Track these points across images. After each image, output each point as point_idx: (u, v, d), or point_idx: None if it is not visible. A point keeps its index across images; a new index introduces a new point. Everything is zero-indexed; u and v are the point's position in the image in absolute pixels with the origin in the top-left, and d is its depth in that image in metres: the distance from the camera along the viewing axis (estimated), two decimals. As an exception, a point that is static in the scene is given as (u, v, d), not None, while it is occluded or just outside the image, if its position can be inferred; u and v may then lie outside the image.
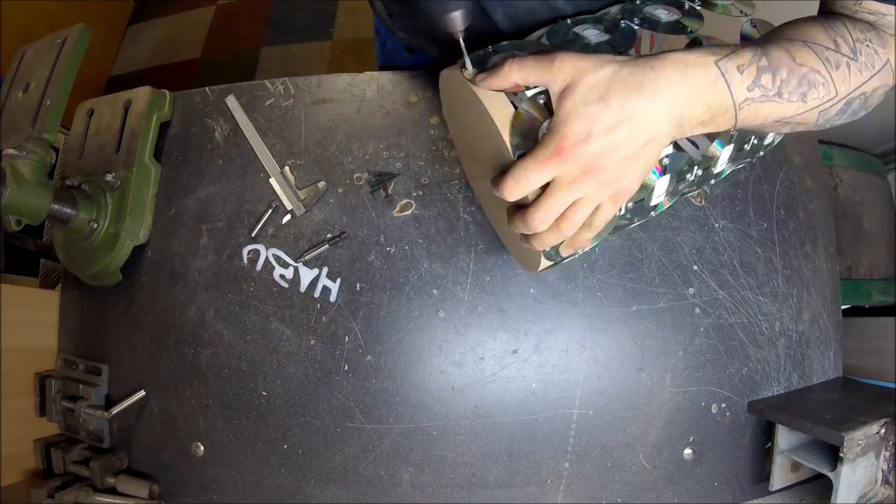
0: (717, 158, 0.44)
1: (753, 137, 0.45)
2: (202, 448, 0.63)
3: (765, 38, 0.40)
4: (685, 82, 0.35)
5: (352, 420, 0.60)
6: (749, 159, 0.49)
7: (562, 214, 0.37)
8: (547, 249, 0.42)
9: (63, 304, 0.70)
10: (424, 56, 0.68)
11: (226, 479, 0.62)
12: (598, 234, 0.44)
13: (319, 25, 2.07)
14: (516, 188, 0.36)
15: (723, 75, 0.35)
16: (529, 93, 0.38)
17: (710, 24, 0.43)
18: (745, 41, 0.39)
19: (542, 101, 0.38)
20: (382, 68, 0.79)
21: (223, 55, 2.13)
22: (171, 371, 0.64)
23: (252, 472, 0.62)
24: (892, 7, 0.39)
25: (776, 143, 0.48)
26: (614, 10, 0.45)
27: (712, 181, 0.47)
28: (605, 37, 0.42)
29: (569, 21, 0.44)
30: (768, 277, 0.64)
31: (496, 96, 0.38)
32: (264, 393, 0.62)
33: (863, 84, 0.39)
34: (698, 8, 0.44)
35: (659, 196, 0.44)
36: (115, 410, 0.62)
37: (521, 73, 0.37)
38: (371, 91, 0.66)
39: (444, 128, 0.64)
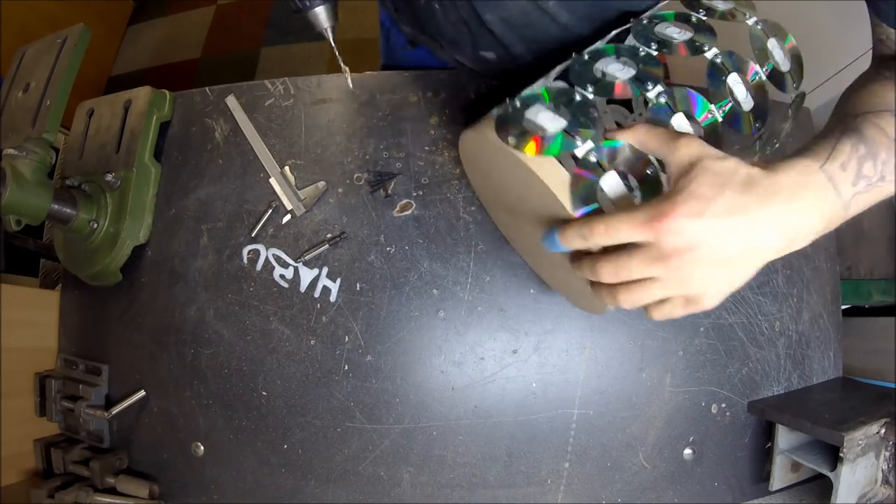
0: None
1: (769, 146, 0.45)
2: (202, 448, 0.63)
3: (847, 113, 0.39)
4: (795, 190, 0.33)
5: (352, 420, 0.60)
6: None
7: (627, 283, 0.35)
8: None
9: (63, 304, 0.70)
10: (426, 50, 0.68)
11: (226, 479, 0.62)
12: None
13: (319, 25, 2.06)
14: (604, 233, 0.34)
15: (830, 180, 0.34)
16: (580, 151, 0.37)
17: (720, 33, 0.43)
18: (834, 125, 0.38)
19: (594, 159, 0.38)
20: (385, 63, 0.80)
21: (223, 55, 2.12)
22: (171, 371, 0.64)
23: (252, 472, 0.62)
24: None
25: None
26: (628, 40, 0.45)
27: None
28: (631, 72, 0.41)
29: (586, 56, 0.43)
30: (768, 277, 0.64)
31: (543, 160, 0.38)
32: (264, 393, 0.62)
33: None
34: (705, 19, 0.43)
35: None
36: (115, 410, 0.62)
37: (648, 137, 0.36)
38: (371, 91, 0.66)
39: (444, 128, 0.64)
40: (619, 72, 0.41)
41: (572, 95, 0.40)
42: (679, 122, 0.39)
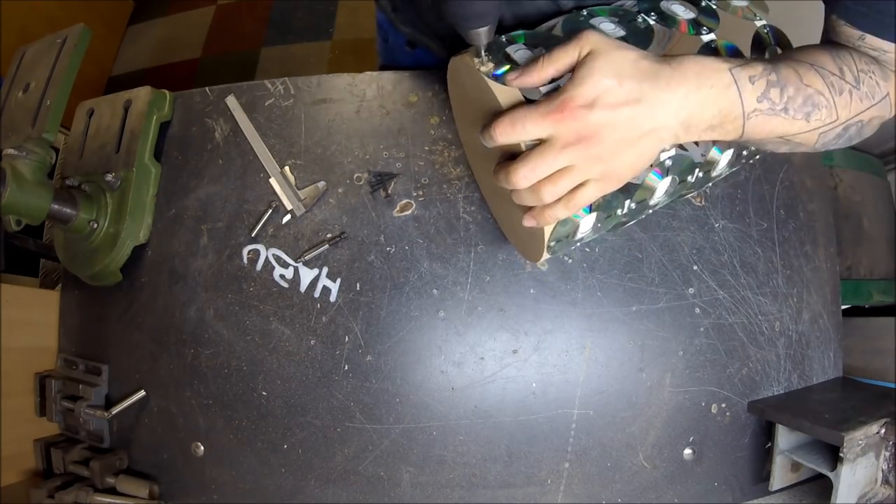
0: (717, 163, 0.44)
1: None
2: (202, 448, 0.63)
3: (775, 58, 0.41)
4: (699, 81, 0.35)
5: (352, 420, 0.60)
6: (747, 162, 0.49)
7: (546, 178, 0.37)
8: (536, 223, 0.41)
9: (63, 304, 0.70)
10: (426, 51, 0.68)
11: (226, 479, 0.62)
12: (598, 227, 0.44)
13: (319, 25, 2.07)
14: (511, 131, 0.36)
15: (735, 82, 0.36)
16: (544, 89, 0.38)
17: (725, 27, 0.43)
18: (756, 56, 0.40)
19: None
20: (384, 64, 0.79)
21: (223, 55, 2.12)
22: (171, 371, 0.64)
23: (252, 472, 0.62)
24: (893, 45, 0.40)
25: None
26: (630, 3, 0.45)
27: (710, 183, 0.47)
28: (621, 32, 0.42)
29: (584, 12, 0.44)
30: (768, 277, 0.64)
31: (511, 91, 0.38)
32: (264, 393, 0.62)
33: (862, 112, 0.40)
34: (714, 6, 0.44)
35: (659, 196, 0.44)
36: (115, 410, 0.62)
37: (552, 64, 0.37)
38: (371, 91, 0.66)
39: (444, 128, 0.64)
40: (610, 31, 0.42)
41: (557, 39, 0.42)
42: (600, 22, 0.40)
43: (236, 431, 0.62)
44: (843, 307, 0.68)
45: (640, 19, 0.43)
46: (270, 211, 0.63)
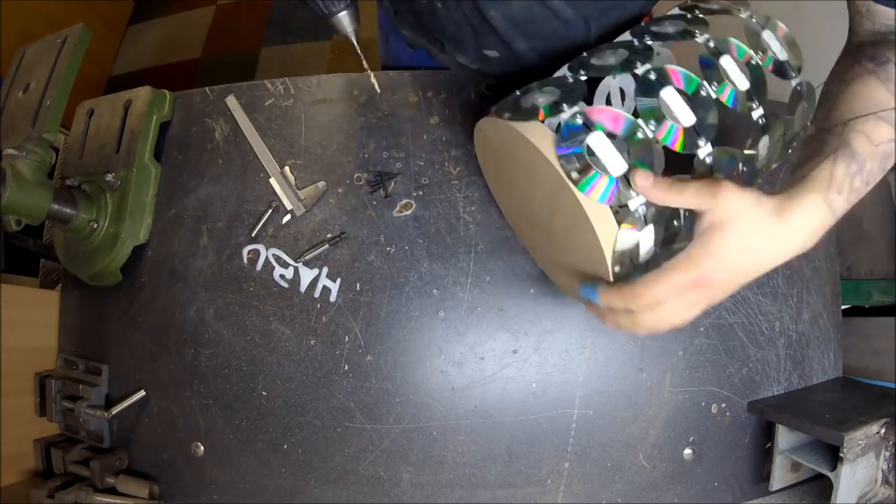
0: (758, 155, 0.43)
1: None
2: (202, 448, 0.63)
3: (838, 121, 0.41)
4: (806, 228, 0.36)
5: (352, 420, 0.60)
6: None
7: (658, 323, 0.39)
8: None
9: (63, 304, 0.70)
10: (425, 52, 0.68)
11: (226, 479, 0.62)
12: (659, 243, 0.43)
13: (319, 25, 2.05)
14: (641, 299, 0.37)
15: (831, 211, 0.37)
16: (633, 204, 0.38)
17: (714, 26, 0.44)
18: (824, 141, 0.40)
19: (640, 214, 0.39)
20: (384, 63, 0.80)
21: (223, 55, 2.12)
22: (171, 371, 0.64)
23: (252, 472, 0.62)
24: None
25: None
26: (624, 36, 0.46)
27: (758, 179, 0.46)
28: (624, 56, 0.42)
29: (584, 55, 0.45)
30: (768, 277, 0.64)
31: (591, 203, 0.38)
32: (264, 393, 0.62)
33: None
34: (701, 16, 0.44)
35: (647, 251, 0.42)
36: (115, 410, 0.62)
37: (682, 199, 0.37)
38: (371, 91, 0.66)
39: (444, 128, 0.64)
40: (611, 59, 0.42)
41: (568, 85, 0.42)
42: (668, 94, 0.39)
43: (236, 431, 0.62)
44: (843, 307, 0.68)
45: (637, 44, 0.44)
46: (270, 211, 0.63)
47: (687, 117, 0.38)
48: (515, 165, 0.47)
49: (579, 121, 0.38)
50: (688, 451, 0.61)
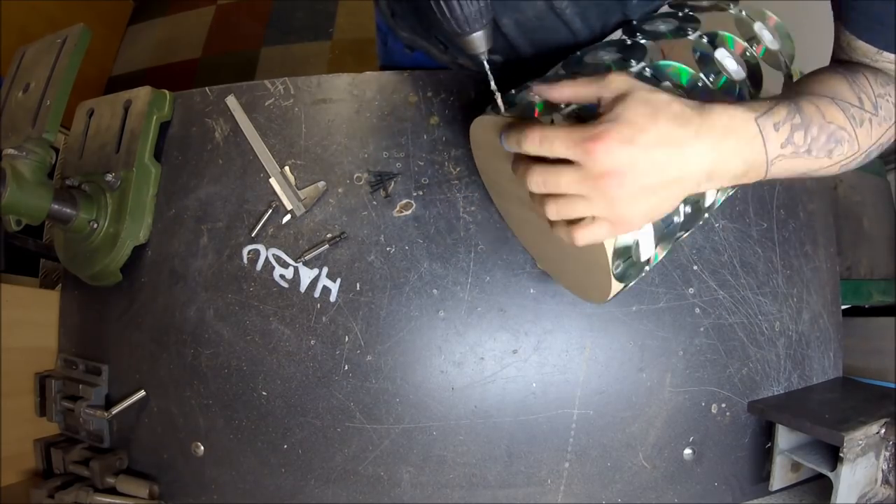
0: (705, 195, 0.43)
1: None
2: (202, 448, 0.63)
3: (795, 91, 0.40)
4: (725, 132, 0.35)
5: (352, 420, 0.60)
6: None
7: (555, 195, 0.36)
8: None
9: (63, 304, 0.70)
10: (424, 54, 0.68)
11: (226, 479, 0.62)
12: (664, 244, 0.42)
13: (319, 25, 2.07)
14: (537, 144, 0.35)
15: (760, 132, 0.35)
16: (566, 110, 0.38)
17: (707, 23, 0.44)
18: (779, 96, 0.39)
19: (575, 116, 0.38)
20: (383, 65, 0.79)
21: (223, 55, 2.12)
22: (171, 371, 0.64)
23: (252, 472, 0.62)
24: None
25: None
26: (616, 34, 0.46)
27: (706, 215, 0.46)
28: (618, 55, 0.42)
29: (578, 53, 0.45)
30: (768, 277, 0.64)
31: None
32: (264, 393, 0.62)
33: (882, 136, 0.41)
34: (691, 13, 0.45)
35: (712, 195, 0.42)
36: (115, 410, 0.62)
37: (573, 89, 0.37)
38: (371, 91, 0.66)
39: (444, 128, 0.64)
40: (607, 57, 0.42)
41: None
42: (666, 90, 0.39)
43: (236, 431, 0.62)
44: (843, 307, 0.68)
45: (629, 42, 0.43)
46: (270, 211, 0.63)
47: None
48: (498, 165, 0.47)
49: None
50: (688, 451, 0.61)
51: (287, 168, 0.64)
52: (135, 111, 0.66)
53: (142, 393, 0.64)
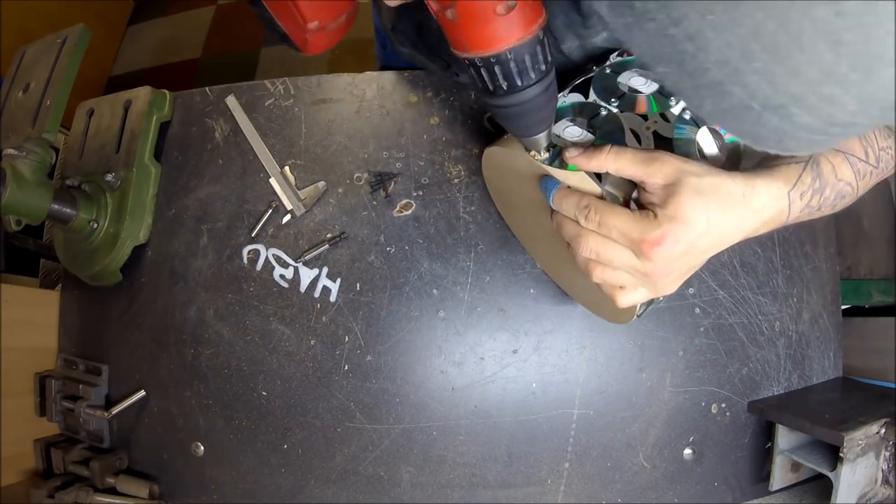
0: None
1: None
2: (202, 448, 0.63)
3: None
4: (763, 211, 0.37)
5: (352, 420, 0.60)
6: None
7: (604, 264, 0.38)
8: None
9: (63, 304, 0.70)
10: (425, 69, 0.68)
11: (226, 479, 0.62)
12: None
13: (319, 25, 2.06)
14: (596, 225, 0.37)
15: (789, 205, 0.38)
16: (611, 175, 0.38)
17: None
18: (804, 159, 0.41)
19: (626, 182, 0.39)
20: (383, 64, 0.79)
21: (223, 55, 2.12)
22: (171, 371, 0.64)
23: (252, 472, 0.62)
24: None
25: None
26: (588, 78, 0.45)
27: None
28: (654, 86, 0.41)
29: (607, 69, 0.43)
30: (768, 277, 0.64)
31: (580, 176, 0.38)
32: (264, 393, 0.62)
33: (873, 183, 0.43)
34: None
35: None
36: (115, 410, 0.62)
37: (617, 164, 0.37)
38: (371, 91, 0.66)
39: (444, 128, 0.64)
40: (642, 86, 0.41)
41: (597, 110, 0.41)
42: (704, 137, 0.39)
43: (236, 431, 0.62)
44: (843, 307, 0.68)
45: (602, 112, 0.43)
46: (270, 211, 0.63)
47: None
48: (521, 191, 0.47)
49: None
50: (688, 451, 0.61)
51: (287, 168, 0.64)
52: (135, 111, 0.66)
53: (142, 393, 0.64)
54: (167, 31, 2.23)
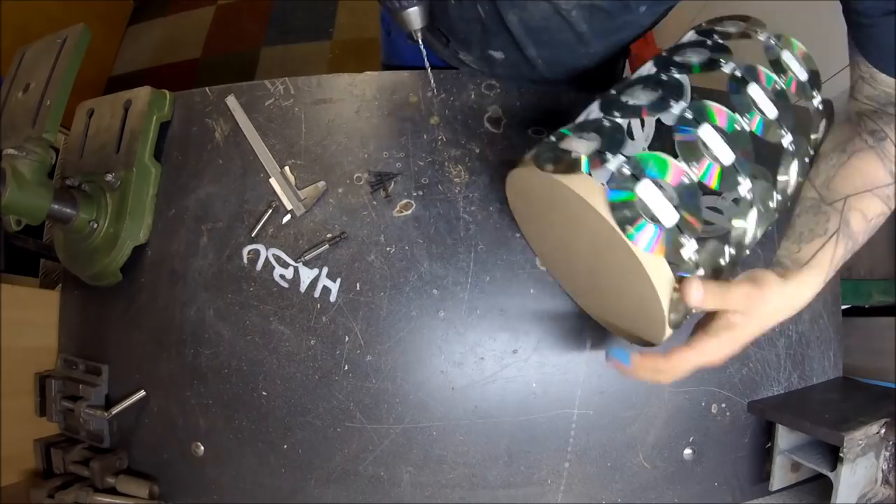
0: (789, 181, 0.44)
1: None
2: (202, 448, 0.63)
3: (837, 194, 0.44)
4: (803, 301, 0.41)
5: (352, 420, 0.60)
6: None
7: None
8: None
9: (63, 304, 0.70)
10: (427, 46, 0.68)
11: (226, 479, 0.62)
12: None
13: (319, 25, 2.07)
14: (672, 371, 0.41)
15: (825, 281, 0.41)
16: (686, 252, 0.39)
17: (735, 50, 0.43)
18: (827, 216, 0.43)
19: (693, 261, 0.39)
20: (386, 58, 0.80)
21: (223, 55, 2.13)
22: (171, 371, 0.64)
23: (252, 472, 0.62)
24: None
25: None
26: (646, 67, 0.46)
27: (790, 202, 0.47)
28: (656, 93, 0.42)
29: (613, 91, 0.44)
30: (768, 277, 0.64)
31: (658, 261, 0.39)
32: (264, 393, 0.62)
33: None
34: (721, 41, 0.44)
35: (752, 232, 0.42)
36: (115, 410, 0.62)
37: (701, 300, 0.39)
38: (371, 91, 0.66)
39: (444, 128, 0.64)
40: (642, 96, 0.42)
41: (600, 123, 0.41)
42: (705, 133, 0.39)
43: (236, 431, 0.62)
44: (843, 307, 0.68)
45: (665, 78, 0.43)
46: (270, 211, 0.63)
47: (726, 156, 0.38)
48: (555, 213, 0.47)
49: (627, 171, 0.38)
50: (688, 451, 0.61)
51: (287, 168, 0.64)
52: (135, 111, 0.66)
53: (142, 393, 0.64)
54: (167, 32, 2.23)
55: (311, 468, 0.61)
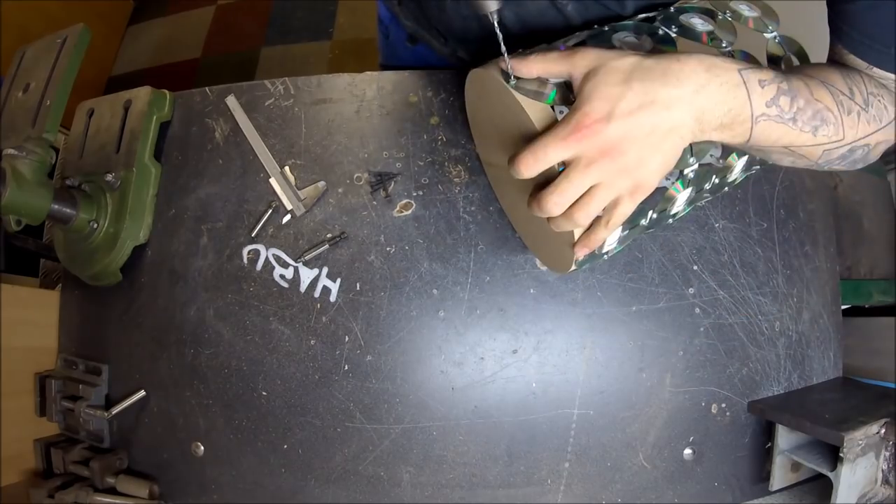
0: (733, 168, 0.45)
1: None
2: (202, 448, 0.63)
3: (786, 70, 0.41)
4: (709, 77, 0.35)
5: (352, 420, 0.60)
6: (759, 168, 0.49)
7: (577, 201, 0.36)
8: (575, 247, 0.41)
9: (63, 304, 0.70)
10: (426, 47, 0.68)
11: (226, 479, 0.62)
12: (623, 238, 0.44)
13: (319, 25, 2.07)
14: (534, 164, 0.35)
15: (745, 83, 0.35)
16: (554, 79, 0.38)
17: (739, 39, 0.44)
18: (768, 65, 0.40)
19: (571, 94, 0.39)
20: (384, 63, 0.80)
21: (223, 55, 2.13)
22: (171, 371, 0.64)
23: (252, 472, 0.62)
24: (895, 76, 0.40)
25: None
26: (650, 15, 0.46)
27: (725, 188, 0.47)
28: (647, 46, 0.42)
29: (606, 28, 0.44)
30: (768, 277, 0.64)
31: (540, 107, 0.38)
32: (264, 393, 0.62)
33: (869, 135, 0.40)
34: (730, 20, 0.44)
35: (679, 206, 0.44)
36: (115, 410, 0.62)
37: (544, 64, 0.37)
38: (371, 91, 0.66)
39: (444, 128, 0.64)
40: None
41: (656, 30, 0.42)
42: None
43: (236, 431, 0.62)
44: (843, 307, 0.68)
45: (661, 32, 0.43)
46: (270, 211, 0.63)
47: None
48: (495, 120, 0.47)
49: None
50: (688, 451, 0.61)
51: (287, 168, 0.64)
52: (135, 111, 0.66)
53: (142, 393, 0.64)
54: (167, 31, 2.23)
55: (311, 468, 0.61)
